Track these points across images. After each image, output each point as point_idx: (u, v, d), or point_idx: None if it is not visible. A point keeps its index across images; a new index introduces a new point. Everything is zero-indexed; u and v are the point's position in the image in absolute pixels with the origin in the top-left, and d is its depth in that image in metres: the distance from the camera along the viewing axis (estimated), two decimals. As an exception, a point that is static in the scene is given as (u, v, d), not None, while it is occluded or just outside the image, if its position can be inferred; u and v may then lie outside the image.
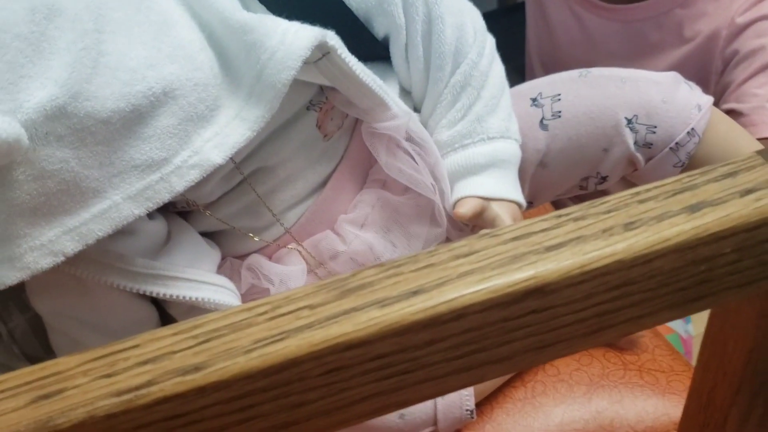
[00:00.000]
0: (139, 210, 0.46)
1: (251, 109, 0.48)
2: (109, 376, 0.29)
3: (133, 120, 0.45)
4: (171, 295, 0.51)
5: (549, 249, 0.31)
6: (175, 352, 0.29)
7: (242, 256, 0.59)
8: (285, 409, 0.31)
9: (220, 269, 0.59)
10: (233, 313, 0.31)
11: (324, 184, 0.58)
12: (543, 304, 0.31)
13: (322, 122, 0.56)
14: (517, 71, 1.24)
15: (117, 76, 0.44)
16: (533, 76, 1.16)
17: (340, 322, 0.29)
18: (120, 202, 0.46)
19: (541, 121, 0.65)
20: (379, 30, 0.57)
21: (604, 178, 0.66)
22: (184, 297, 0.52)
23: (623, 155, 0.63)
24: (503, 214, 0.59)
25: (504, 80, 0.62)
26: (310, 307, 0.30)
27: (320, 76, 0.52)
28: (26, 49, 0.42)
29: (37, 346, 0.64)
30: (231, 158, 0.52)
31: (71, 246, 0.45)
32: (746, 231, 0.32)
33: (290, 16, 0.50)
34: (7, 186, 0.43)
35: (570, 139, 0.64)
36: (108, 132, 0.45)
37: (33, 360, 0.64)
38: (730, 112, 1.03)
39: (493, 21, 0.62)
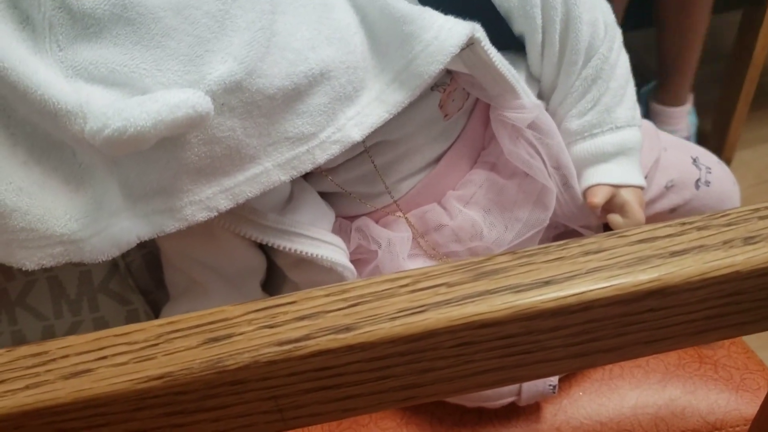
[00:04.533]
0: (285, 177, 0.50)
1: (392, 94, 0.51)
2: (270, 326, 0.32)
3: (292, 97, 0.49)
4: (294, 250, 0.55)
5: (673, 254, 0.33)
6: (327, 312, 0.33)
7: (351, 218, 0.63)
8: (415, 373, 0.34)
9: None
10: (377, 283, 0.34)
11: (438, 160, 0.61)
12: (661, 304, 0.34)
13: (444, 103, 0.59)
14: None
15: (284, 56, 0.48)
16: None
17: (477, 303, 0.32)
18: (270, 169, 0.50)
19: (697, 182, 0.70)
20: (517, 28, 0.60)
21: None
22: (306, 253, 0.56)
23: None
24: (631, 200, 0.61)
25: (629, 71, 0.64)
26: (448, 284, 0.33)
27: (460, 63, 0.54)
28: (213, 25, 0.45)
29: (149, 280, 0.69)
30: None
31: (225, 204, 0.50)
32: None
33: (438, 5, 0.53)
34: (180, 146, 0.47)
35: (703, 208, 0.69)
36: (271, 106, 0.48)
37: (144, 293, 0.69)
38: None
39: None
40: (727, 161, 1.50)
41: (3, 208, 0.47)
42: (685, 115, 1.52)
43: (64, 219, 0.48)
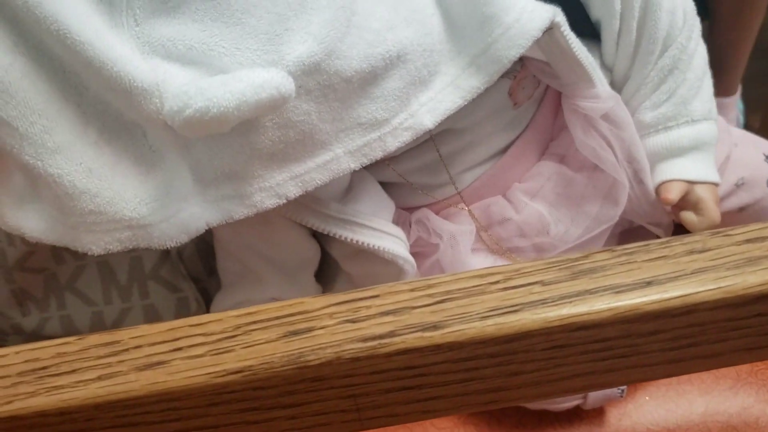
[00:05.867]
0: (354, 164, 0.49)
1: (467, 79, 0.49)
2: (353, 321, 0.30)
3: (368, 80, 0.47)
4: (356, 241, 0.54)
5: (785, 256, 0.31)
6: (413, 308, 0.31)
7: (410, 209, 0.61)
8: (502, 376, 0.32)
9: (388, 219, 0.61)
10: (465, 279, 0.32)
11: (504, 151, 0.59)
12: (770, 310, 0.31)
13: (514, 90, 0.57)
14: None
15: (363, 37, 0.46)
16: None
17: (575, 304, 0.30)
18: (341, 156, 0.48)
19: None
20: (594, 13, 0.57)
21: None
22: (368, 244, 0.54)
23: None
24: (706, 197, 0.59)
25: (706, 62, 0.61)
26: (542, 283, 0.31)
27: (536, 49, 0.52)
28: (293, 2, 0.43)
29: (201, 268, 0.68)
30: None
31: (294, 191, 0.48)
32: None
33: None
34: (254, 130, 0.45)
35: None
36: (346, 90, 0.47)
37: (195, 281, 0.68)
38: None
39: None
40: (778, 160, 1.46)
41: (72, 189, 0.46)
42: (735, 105, 1.50)
43: (134, 203, 0.46)
